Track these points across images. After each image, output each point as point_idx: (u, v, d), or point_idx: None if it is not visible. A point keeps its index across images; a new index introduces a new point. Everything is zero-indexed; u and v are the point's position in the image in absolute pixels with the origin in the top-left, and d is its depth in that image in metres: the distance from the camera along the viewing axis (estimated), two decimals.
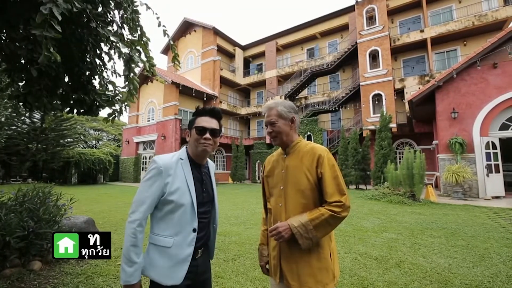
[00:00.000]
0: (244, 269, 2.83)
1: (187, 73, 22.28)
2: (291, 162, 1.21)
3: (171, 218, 1.10)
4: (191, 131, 1.20)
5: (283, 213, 1.17)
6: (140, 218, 1.05)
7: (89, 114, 2.74)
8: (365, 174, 12.29)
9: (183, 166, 1.15)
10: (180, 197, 1.09)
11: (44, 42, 1.47)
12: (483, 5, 13.82)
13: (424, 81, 13.59)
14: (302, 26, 19.87)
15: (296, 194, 1.14)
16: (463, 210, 6.35)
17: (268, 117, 1.24)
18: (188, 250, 1.10)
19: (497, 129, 8.74)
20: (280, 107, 1.23)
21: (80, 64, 2.54)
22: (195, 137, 1.17)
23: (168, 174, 1.10)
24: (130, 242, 1.03)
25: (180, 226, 1.09)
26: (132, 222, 1.05)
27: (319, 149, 1.16)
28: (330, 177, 1.10)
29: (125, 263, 1.02)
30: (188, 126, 1.24)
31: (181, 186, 1.11)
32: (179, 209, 1.09)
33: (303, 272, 1.10)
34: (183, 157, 1.18)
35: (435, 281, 2.52)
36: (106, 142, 29.83)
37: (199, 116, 1.20)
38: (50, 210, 2.93)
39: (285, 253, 1.14)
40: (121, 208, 7.00)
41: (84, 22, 2.16)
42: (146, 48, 2.47)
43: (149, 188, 1.08)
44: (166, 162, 1.12)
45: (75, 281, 2.49)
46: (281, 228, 1.08)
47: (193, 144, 1.19)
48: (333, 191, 1.08)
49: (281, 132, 1.21)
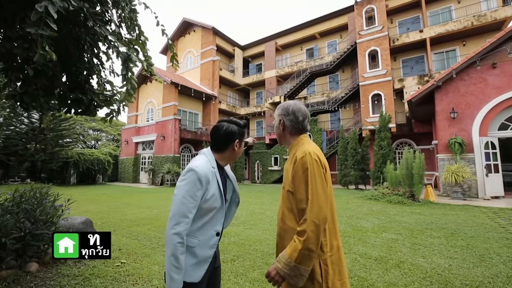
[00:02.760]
0: (243, 270, 2.81)
1: (187, 73, 22.25)
2: (286, 164, 1.24)
3: (199, 221, 1.16)
4: (240, 143, 1.30)
5: (279, 213, 1.20)
6: (186, 229, 1.08)
7: (86, 114, 2.72)
8: (364, 174, 12.28)
9: (216, 175, 1.21)
10: (213, 203, 1.16)
11: (39, 40, 1.45)
12: (482, 5, 13.84)
13: (423, 81, 13.61)
14: (302, 26, 19.87)
15: (285, 195, 1.16)
16: (463, 210, 6.34)
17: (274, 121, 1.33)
18: (210, 252, 1.16)
19: (496, 129, 8.74)
20: (278, 110, 1.29)
21: (78, 64, 2.51)
22: (239, 149, 1.30)
23: (207, 182, 1.14)
24: (180, 251, 1.05)
25: (204, 229, 1.16)
26: (177, 234, 1.06)
27: (300, 152, 1.11)
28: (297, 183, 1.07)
29: (174, 272, 1.04)
30: (240, 137, 1.29)
31: (215, 193, 1.17)
32: (209, 214, 1.17)
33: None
34: (215, 166, 1.23)
35: (435, 281, 2.51)
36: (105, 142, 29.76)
37: (245, 130, 1.34)
38: (47, 211, 2.90)
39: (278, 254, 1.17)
40: (120, 209, 6.97)
41: (81, 21, 2.14)
42: (144, 47, 2.45)
43: (193, 199, 1.10)
44: (205, 171, 1.15)
45: (72, 283, 2.46)
46: (272, 273, 1.06)
47: (239, 153, 1.32)
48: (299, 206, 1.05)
49: (277, 135, 1.32)
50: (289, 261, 1.01)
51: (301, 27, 19.96)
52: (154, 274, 2.70)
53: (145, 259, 3.13)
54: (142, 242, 3.87)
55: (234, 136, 1.25)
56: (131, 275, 2.69)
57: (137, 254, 3.33)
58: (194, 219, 1.14)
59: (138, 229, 4.64)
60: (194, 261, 1.12)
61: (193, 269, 1.11)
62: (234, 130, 1.27)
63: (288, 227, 1.11)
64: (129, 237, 4.16)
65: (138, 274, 2.70)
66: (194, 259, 1.12)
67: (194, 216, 1.13)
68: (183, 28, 22.71)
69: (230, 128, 1.26)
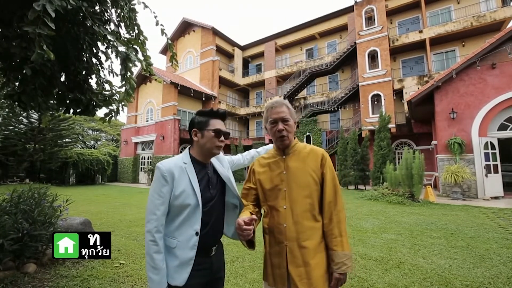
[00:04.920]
0: (242, 271, 2.80)
1: (186, 73, 22.22)
2: (292, 163, 1.18)
3: (175, 220, 1.12)
4: (204, 132, 1.19)
5: (288, 215, 1.14)
6: (156, 226, 1.07)
7: (85, 114, 2.70)
8: (364, 174, 12.27)
9: (187, 170, 1.16)
10: (184, 200, 1.10)
11: (37, 39, 1.43)
12: (482, 6, 13.86)
13: (423, 82, 13.62)
14: (301, 26, 19.87)
15: (302, 195, 1.14)
16: (462, 210, 6.34)
17: (280, 113, 1.18)
18: (191, 253, 1.09)
19: (495, 130, 8.75)
20: (290, 106, 1.23)
21: (76, 63, 2.49)
22: (210, 138, 1.18)
23: (172, 178, 1.11)
24: (152, 250, 1.04)
25: (182, 228, 1.11)
26: (148, 232, 1.07)
27: (320, 151, 1.21)
28: (330, 178, 1.16)
29: (151, 271, 1.03)
30: (198, 126, 1.21)
31: (186, 189, 1.12)
32: (184, 211, 1.11)
33: (314, 274, 1.08)
34: (187, 161, 1.18)
35: (435, 282, 2.50)
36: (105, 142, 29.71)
37: (212, 118, 1.21)
38: (45, 212, 2.88)
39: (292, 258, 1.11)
40: (119, 209, 6.95)
41: (80, 20, 2.12)
42: (143, 47, 2.44)
43: (159, 195, 1.09)
44: (169, 167, 1.12)
45: (71, 284, 2.44)
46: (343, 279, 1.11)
47: (206, 144, 1.19)
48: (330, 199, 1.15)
49: (291, 131, 1.20)
50: (350, 253, 1.10)
51: (300, 28, 19.97)
52: None
53: (144, 260, 3.11)
54: (141, 242, 3.85)
55: (192, 125, 1.22)
56: (130, 276, 2.67)
57: (136, 255, 3.31)
58: (170, 218, 1.12)
59: (137, 230, 4.62)
60: (176, 263, 1.08)
61: (175, 271, 1.07)
62: (193, 120, 1.23)
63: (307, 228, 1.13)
64: (128, 237, 4.14)
65: (137, 275, 2.68)
66: (176, 261, 1.08)
67: (170, 214, 1.11)
68: (182, 28, 22.69)
69: (191, 120, 1.24)
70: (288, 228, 1.12)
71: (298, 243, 1.10)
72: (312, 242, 1.11)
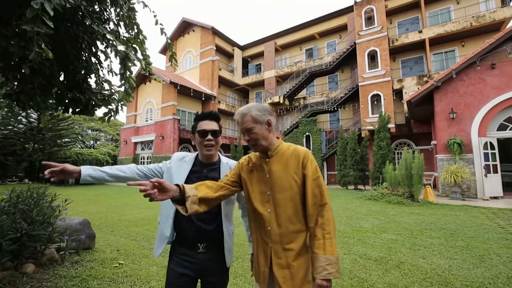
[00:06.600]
0: (242, 271, 2.79)
1: (186, 73, 22.20)
2: (275, 166, 1.16)
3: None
4: (195, 135, 1.33)
5: (273, 218, 1.13)
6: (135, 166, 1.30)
7: (84, 113, 2.68)
8: (363, 174, 12.28)
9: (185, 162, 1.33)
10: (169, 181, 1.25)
11: (35, 38, 1.42)
12: (481, 6, 13.88)
13: (422, 82, 13.63)
14: (301, 26, 19.86)
15: (285, 198, 1.12)
16: (462, 210, 6.35)
17: (243, 124, 1.17)
18: (166, 232, 1.25)
19: (495, 130, 8.76)
20: (254, 112, 1.16)
21: (75, 63, 2.48)
22: (198, 140, 1.30)
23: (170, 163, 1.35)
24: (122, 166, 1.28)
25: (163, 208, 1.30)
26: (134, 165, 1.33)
27: (302, 151, 1.18)
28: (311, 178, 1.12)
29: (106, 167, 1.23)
30: (192, 130, 1.37)
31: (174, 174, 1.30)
32: None
33: (297, 276, 1.08)
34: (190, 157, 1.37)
35: (435, 282, 2.49)
36: (104, 142, 29.68)
37: (200, 121, 1.33)
38: (44, 212, 2.86)
39: (277, 260, 1.11)
40: (118, 209, 6.94)
41: (79, 19, 2.11)
42: (143, 46, 2.43)
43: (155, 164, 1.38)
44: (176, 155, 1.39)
45: (69, 284, 2.43)
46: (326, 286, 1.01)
47: (198, 145, 1.32)
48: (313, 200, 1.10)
49: (259, 138, 1.15)
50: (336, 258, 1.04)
51: (300, 27, 19.96)
52: (152, 275, 2.68)
53: (143, 260, 3.10)
54: (140, 242, 3.84)
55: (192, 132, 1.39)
56: (129, 276, 2.66)
57: (135, 255, 3.30)
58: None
59: (136, 230, 4.61)
60: (158, 237, 1.28)
61: (156, 244, 1.28)
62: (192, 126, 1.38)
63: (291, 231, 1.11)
64: (127, 237, 4.13)
65: (136, 276, 2.67)
66: (158, 235, 1.29)
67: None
68: (182, 28, 22.66)
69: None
70: (272, 231, 1.12)
71: (282, 245, 1.10)
72: (297, 244, 1.10)
